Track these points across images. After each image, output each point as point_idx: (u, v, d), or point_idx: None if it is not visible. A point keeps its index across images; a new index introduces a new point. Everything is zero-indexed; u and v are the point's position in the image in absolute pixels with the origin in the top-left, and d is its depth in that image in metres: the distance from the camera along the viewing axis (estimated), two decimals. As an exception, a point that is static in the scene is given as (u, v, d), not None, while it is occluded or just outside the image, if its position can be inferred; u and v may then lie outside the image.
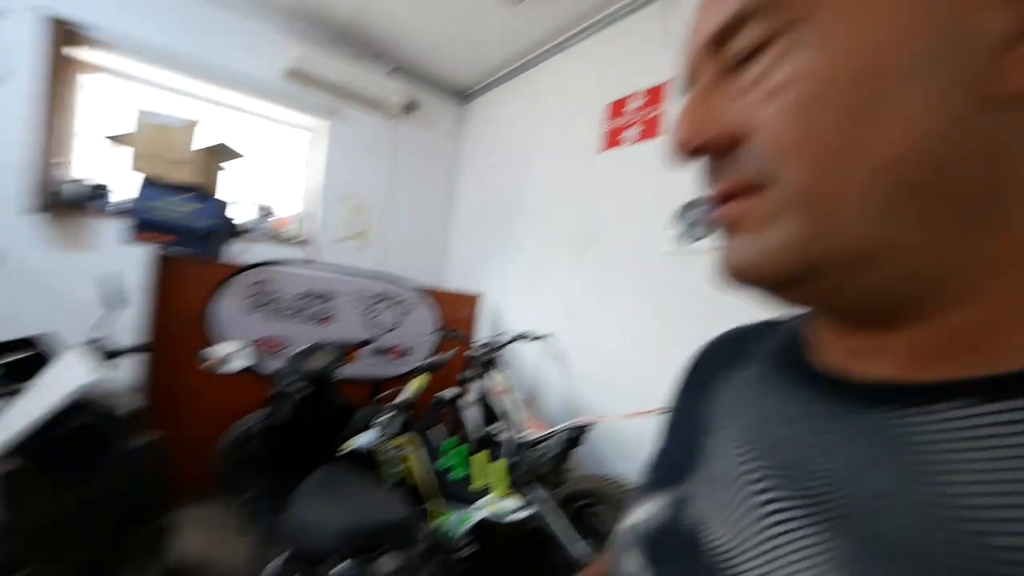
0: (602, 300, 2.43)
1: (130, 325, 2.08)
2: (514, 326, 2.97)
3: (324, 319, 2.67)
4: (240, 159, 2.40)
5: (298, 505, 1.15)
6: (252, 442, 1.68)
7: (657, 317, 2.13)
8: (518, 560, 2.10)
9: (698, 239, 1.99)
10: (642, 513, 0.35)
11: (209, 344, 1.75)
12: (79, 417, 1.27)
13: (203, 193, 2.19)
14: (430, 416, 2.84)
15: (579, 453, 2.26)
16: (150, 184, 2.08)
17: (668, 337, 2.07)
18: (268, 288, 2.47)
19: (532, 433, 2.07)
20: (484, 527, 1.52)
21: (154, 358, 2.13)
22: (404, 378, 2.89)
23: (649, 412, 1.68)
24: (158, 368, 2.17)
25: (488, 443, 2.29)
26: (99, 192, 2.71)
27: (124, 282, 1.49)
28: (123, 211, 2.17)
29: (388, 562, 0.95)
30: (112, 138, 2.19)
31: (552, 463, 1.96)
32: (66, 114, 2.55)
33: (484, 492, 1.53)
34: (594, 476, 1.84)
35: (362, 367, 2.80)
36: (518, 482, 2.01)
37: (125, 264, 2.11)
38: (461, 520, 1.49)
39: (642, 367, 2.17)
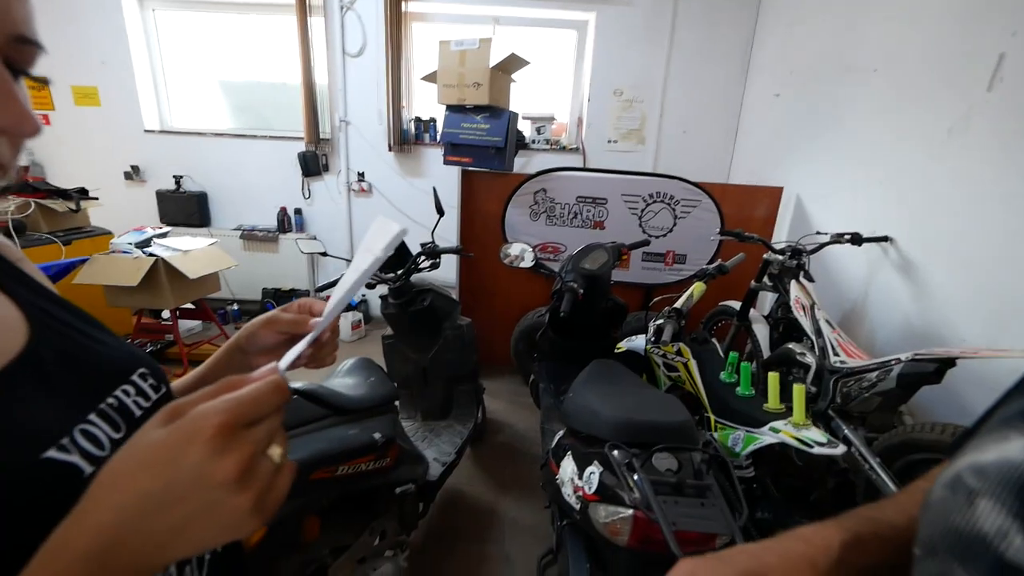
0: (1005, 174, 1.53)
1: (449, 233, 2.66)
2: (830, 225, 2.28)
3: (597, 223, 2.71)
4: (528, 66, 2.51)
5: (576, 391, 1.24)
6: (537, 332, 1.92)
7: None
8: (815, 501, 1.79)
9: None
10: (1012, 450, 0.25)
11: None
12: (428, 298, 1.71)
13: (495, 110, 2.44)
14: (709, 326, 2.62)
15: (927, 395, 1.65)
16: (453, 111, 2.45)
17: None
18: (548, 196, 2.65)
19: (852, 361, 1.61)
20: (773, 452, 1.30)
21: (463, 258, 2.68)
22: (679, 285, 2.72)
23: None
24: (467, 266, 2.72)
25: (784, 363, 1.93)
26: (428, 125, 3.44)
27: (439, 195, 1.83)
28: (441, 139, 2.69)
29: (664, 460, 0.91)
30: (425, 78, 2.63)
31: (881, 400, 1.49)
32: (404, 63, 3.24)
33: (778, 415, 1.29)
34: (943, 425, 1.30)
35: (635, 272, 2.77)
36: (821, 415, 1.64)
37: (445, 184, 2.65)
38: (749, 438, 1.31)
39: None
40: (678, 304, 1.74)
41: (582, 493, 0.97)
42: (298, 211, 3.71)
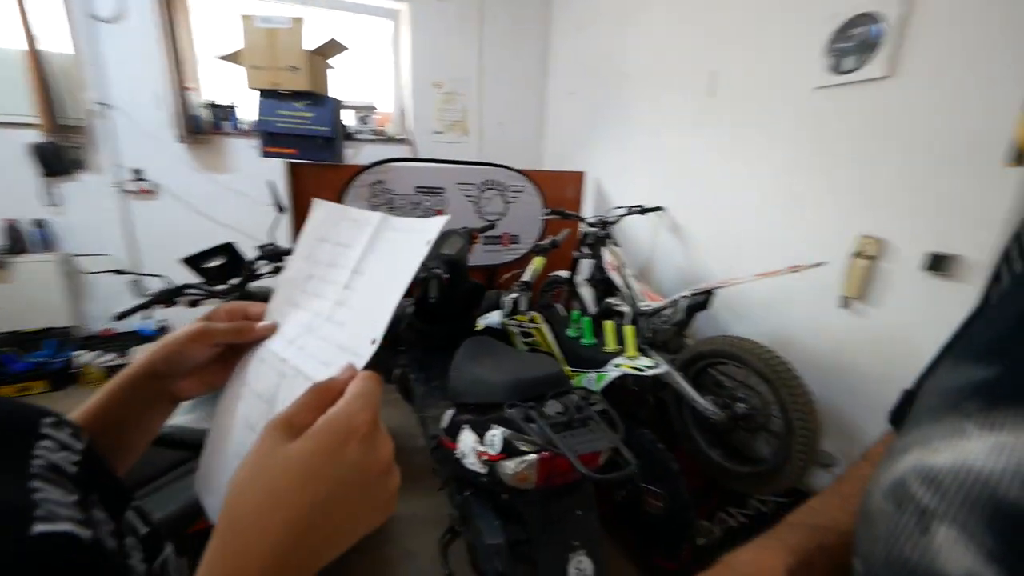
0: (727, 156, 2.18)
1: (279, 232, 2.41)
2: (624, 200, 2.85)
3: (438, 211, 2.80)
4: (346, 53, 2.39)
5: (462, 368, 1.34)
6: (404, 322, 1.94)
7: (796, 166, 1.87)
8: (641, 418, 2.30)
9: (856, 68, 1.62)
10: (973, 452, 0.19)
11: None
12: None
13: (318, 97, 2.27)
14: (545, 295, 3.00)
15: (697, 321, 2.26)
16: (268, 96, 2.20)
17: (808, 189, 1.83)
18: (386, 187, 2.62)
19: (652, 303, 2.10)
20: (611, 386, 1.65)
21: None
22: (519, 262, 3.03)
23: (780, 272, 1.58)
24: None
25: (609, 315, 2.38)
26: (228, 112, 2.97)
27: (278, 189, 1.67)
28: (251, 129, 2.36)
29: (552, 406, 1.09)
30: (225, 57, 2.29)
31: (675, 329, 2.00)
32: (185, 39, 2.71)
33: (616, 354, 1.63)
34: (719, 337, 1.84)
35: (479, 255, 2.97)
36: (641, 348, 2.11)
37: (260, 180, 2.37)
38: (600, 376, 1.62)
39: (773, 226, 1.98)
40: (525, 277, 1.99)
41: (487, 456, 1.09)
42: (40, 223, 2.81)
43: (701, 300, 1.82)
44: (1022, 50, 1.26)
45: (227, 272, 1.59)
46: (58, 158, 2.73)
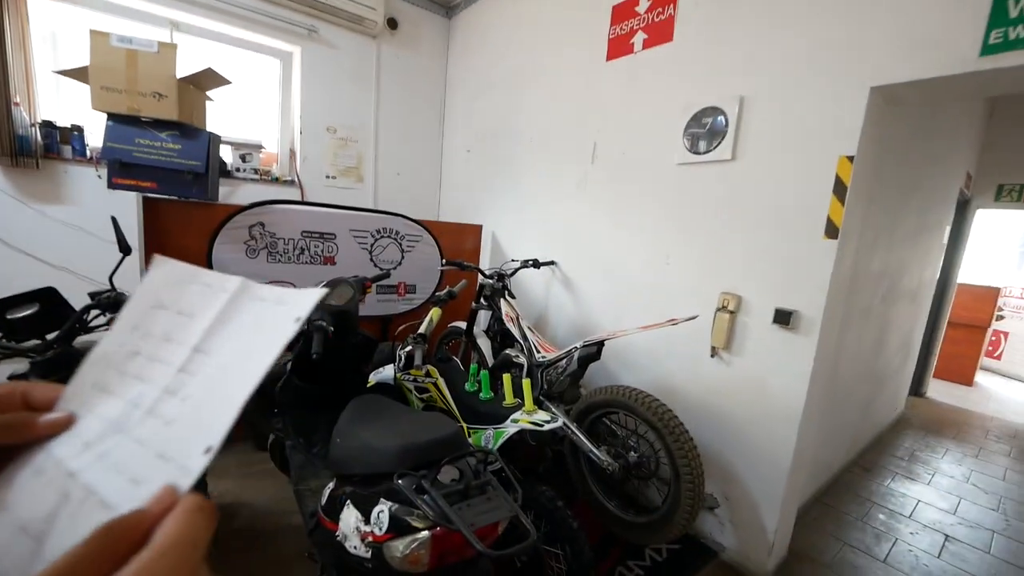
0: (609, 217, 2.39)
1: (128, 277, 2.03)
2: (519, 254, 2.95)
3: (328, 259, 2.62)
4: (228, 86, 2.18)
5: (346, 433, 1.18)
6: (280, 382, 1.70)
7: (667, 230, 2.11)
8: (540, 472, 2.26)
9: (708, 150, 1.92)
10: None
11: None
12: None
13: (188, 129, 2.02)
14: (443, 347, 2.91)
15: (589, 371, 2.34)
16: (121, 122, 1.90)
17: (678, 250, 2.06)
18: (267, 230, 2.39)
19: (549, 354, 2.13)
20: (510, 442, 1.59)
21: None
22: (415, 312, 2.92)
23: (660, 324, 1.72)
24: None
25: (507, 367, 2.36)
26: (69, 135, 2.52)
27: (121, 227, 1.41)
28: (97, 157, 2.00)
29: (447, 472, 0.99)
30: (65, 72, 1.96)
31: (569, 380, 2.04)
32: (14, 44, 2.29)
33: (514, 409, 1.59)
34: (605, 387, 1.92)
35: (371, 305, 2.80)
36: (536, 400, 2.10)
37: (107, 216, 2.00)
38: (498, 434, 1.56)
39: (651, 282, 2.18)
40: (421, 330, 1.89)
41: (372, 538, 0.94)
42: None
43: (593, 351, 1.89)
44: (827, 146, 1.60)
45: (40, 324, 1.26)
46: None
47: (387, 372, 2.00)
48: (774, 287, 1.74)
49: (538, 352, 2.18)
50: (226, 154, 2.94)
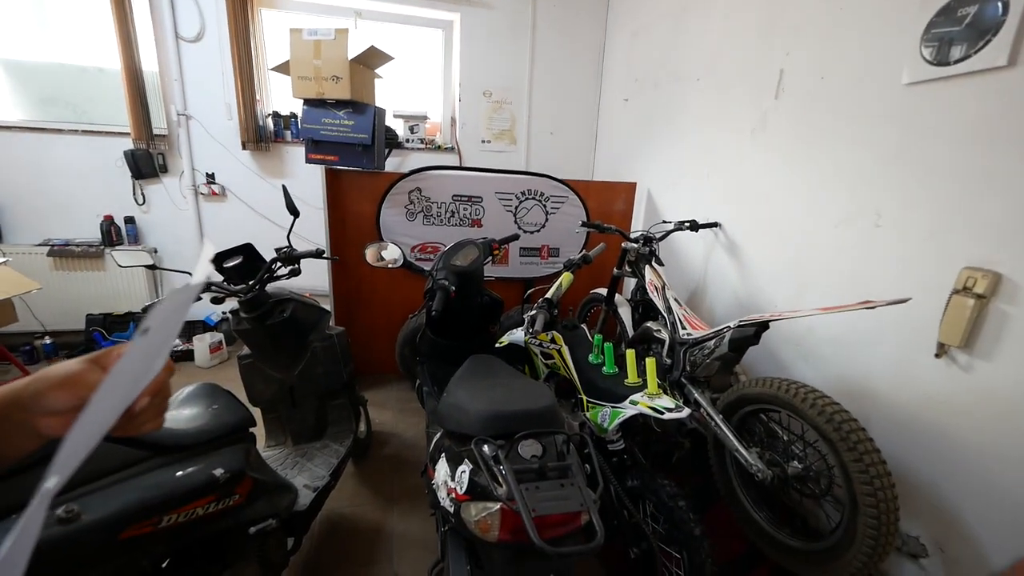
0: (793, 168, 1.87)
1: (318, 237, 2.46)
2: (676, 215, 2.59)
3: (475, 221, 2.73)
4: (391, 62, 2.42)
5: (450, 391, 1.22)
6: (419, 333, 1.87)
7: (879, 179, 1.54)
8: (675, 462, 2.02)
9: (965, 56, 1.29)
10: None
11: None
12: (288, 308, 1.55)
13: (359, 106, 2.31)
14: (582, 314, 2.80)
15: (754, 356, 1.95)
16: (311, 105, 2.27)
17: (896, 206, 1.49)
18: (423, 195, 2.60)
19: (696, 332, 1.83)
20: (638, 423, 1.43)
21: (335, 263, 2.51)
22: (554, 277, 2.87)
23: (849, 307, 1.27)
24: (339, 271, 2.57)
25: (645, 341, 2.14)
26: (289, 122, 3.15)
27: (291, 194, 1.67)
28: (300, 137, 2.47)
29: (529, 447, 0.93)
30: (275, 68, 2.40)
31: (719, 364, 1.73)
32: (255, 53, 2.91)
33: (637, 389, 1.42)
34: (769, 379, 1.55)
35: (514, 267, 2.85)
36: (675, 384, 1.85)
37: (314, 185, 2.44)
38: (615, 413, 1.42)
39: (850, 250, 1.65)
40: (548, 294, 1.82)
41: (455, 494, 0.95)
42: (130, 220, 3.14)
43: (750, 333, 1.54)
44: None
45: (245, 272, 1.61)
46: (147, 163, 3.04)
47: (519, 334, 2.01)
48: None
49: (683, 328, 1.91)
50: (398, 126, 3.29)
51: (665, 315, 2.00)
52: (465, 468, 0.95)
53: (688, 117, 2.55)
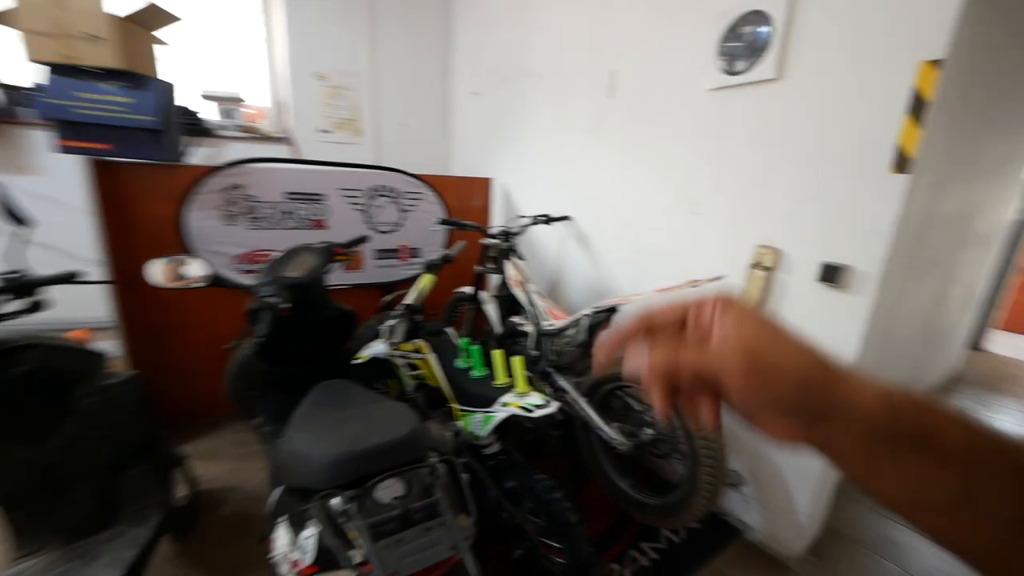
0: (628, 161, 2.05)
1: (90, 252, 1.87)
2: (532, 209, 2.66)
3: (317, 222, 2.41)
4: (177, 24, 1.90)
5: (288, 436, 1.00)
6: (246, 364, 1.55)
7: (695, 173, 1.77)
8: (547, 450, 2.08)
9: (746, 70, 1.54)
10: None
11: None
12: (23, 363, 1.10)
13: (137, 79, 1.79)
14: (449, 315, 2.72)
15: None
16: (60, 74, 1.68)
17: (708, 197, 1.73)
18: (246, 193, 2.19)
19: (555, 322, 1.90)
20: (511, 423, 1.40)
21: (118, 287, 1.93)
22: (414, 280, 2.72)
23: (679, 287, 1.45)
24: (131, 297, 1.97)
25: (512, 335, 2.15)
26: (32, 95, 2.33)
27: (11, 195, 1.21)
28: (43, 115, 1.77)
29: (390, 489, 0.80)
30: None
31: (578, 351, 1.82)
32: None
33: (506, 389, 1.39)
34: (618, 359, 1.68)
35: (371, 272, 2.62)
36: (542, 374, 1.90)
37: (79, 184, 1.83)
38: (486, 419, 1.37)
39: (677, 237, 1.88)
40: (408, 299, 1.69)
41: (299, 568, 0.77)
42: None
43: (603, 318, 1.64)
44: (902, 52, 1.22)
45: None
46: None
47: (380, 346, 1.82)
48: (822, 238, 1.42)
49: (545, 319, 1.96)
50: (212, 110, 2.72)
51: (528, 309, 2.03)
52: (311, 532, 0.78)
53: (536, 113, 2.63)
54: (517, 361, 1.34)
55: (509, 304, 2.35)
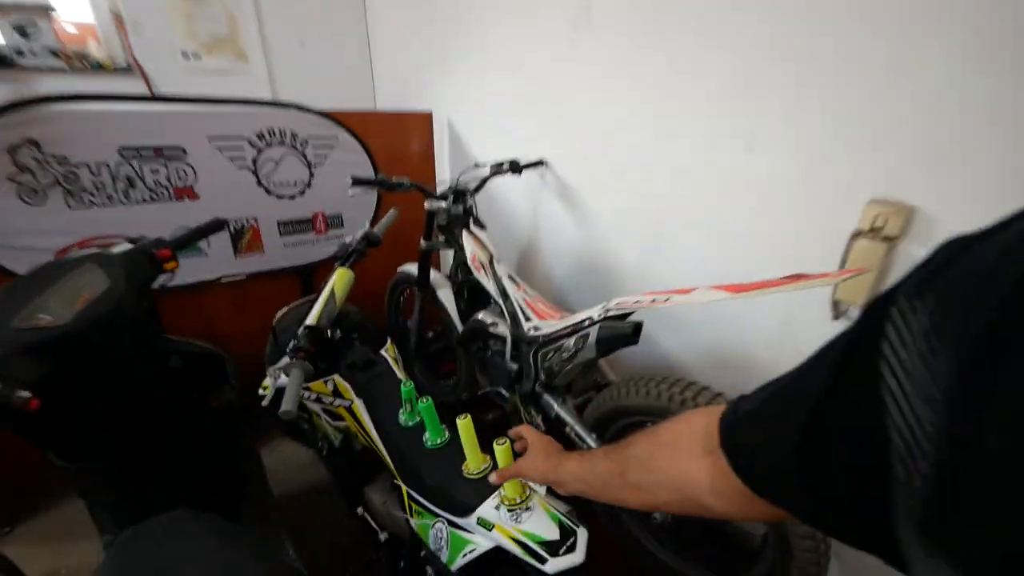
0: (635, 70, 1.38)
1: None
2: (490, 154, 1.96)
3: (182, 190, 1.65)
4: None
5: None
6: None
7: (750, 88, 1.14)
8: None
9: None
10: None
11: None
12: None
13: None
14: (393, 301, 2.07)
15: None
16: None
17: (774, 124, 1.12)
18: (49, 153, 1.39)
19: (545, 324, 1.30)
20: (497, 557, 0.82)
21: None
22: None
23: (768, 286, 0.86)
24: None
25: (478, 338, 1.55)
26: None
27: None
28: None
29: None
30: None
31: (580, 368, 1.25)
32: None
33: (481, 479, 0.81)
34: (645, 379, 1.13)
35: (276, 254, 1.89)
36: (529, 396, 1.33)
37: None
38: (455, 541, 0.80)
39: (716, 185, 1.26)
40: (311, 319, 1.02)
41: None
42: None
43: (627, 331, 1.06)
44: None
45: None
46: None
47: (284, 378, 1.17)
48: (991, 186, 0.84)
49: (527, 319, 1.35)
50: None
51: (500, 301, 1.42)
52: None
53: (487, 12, 1.86)
54: (500, 451, 0.74)
55: (471, 293, 1.73)
